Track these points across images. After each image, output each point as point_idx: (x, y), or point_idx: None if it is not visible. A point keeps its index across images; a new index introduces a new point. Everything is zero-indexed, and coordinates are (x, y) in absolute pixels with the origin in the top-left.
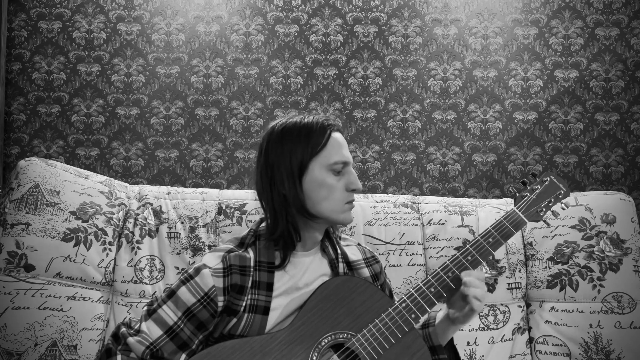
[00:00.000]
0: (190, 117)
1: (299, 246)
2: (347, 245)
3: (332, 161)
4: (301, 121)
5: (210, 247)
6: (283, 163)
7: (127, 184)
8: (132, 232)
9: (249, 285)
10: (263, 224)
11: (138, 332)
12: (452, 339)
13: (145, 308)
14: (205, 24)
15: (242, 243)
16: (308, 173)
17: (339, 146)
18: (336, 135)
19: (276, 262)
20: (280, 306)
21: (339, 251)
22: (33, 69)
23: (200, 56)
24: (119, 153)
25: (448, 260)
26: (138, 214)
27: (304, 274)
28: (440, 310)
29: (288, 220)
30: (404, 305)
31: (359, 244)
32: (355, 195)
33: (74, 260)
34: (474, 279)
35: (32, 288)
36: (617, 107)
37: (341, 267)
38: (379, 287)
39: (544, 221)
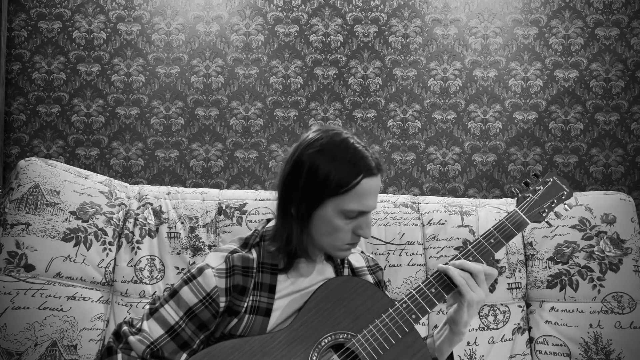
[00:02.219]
0: (190, 117)
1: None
2: (351, 253)
3: (347, 208)
4: (340, 150)
5: (210, 247)
6: (304, 182)
7: (127, 184)
8: (132, 232)
9: (251, 286)
10: (269, 225)
11: (139, 330)
12: (451, 354)
13: (148, 307)
14: (205, 24)
15: (246, 243)
16: (321, 207)
17: (365, 194)
18: (369, 182)
19: (280, 265)
20: (281, 307)
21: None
22: (33, 69)
23: (200, 56)
24: (119, 153)
25: (449, 260)
26: (138, 214)
27: (307, 277)
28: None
29: (286, 239)
30: (404, 305)
31: (362, 252)
32: None
33: (74, 260)
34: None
35: (32, 288)
36: (617, 107)
37: (346, 272)
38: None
39: (547, 222)
